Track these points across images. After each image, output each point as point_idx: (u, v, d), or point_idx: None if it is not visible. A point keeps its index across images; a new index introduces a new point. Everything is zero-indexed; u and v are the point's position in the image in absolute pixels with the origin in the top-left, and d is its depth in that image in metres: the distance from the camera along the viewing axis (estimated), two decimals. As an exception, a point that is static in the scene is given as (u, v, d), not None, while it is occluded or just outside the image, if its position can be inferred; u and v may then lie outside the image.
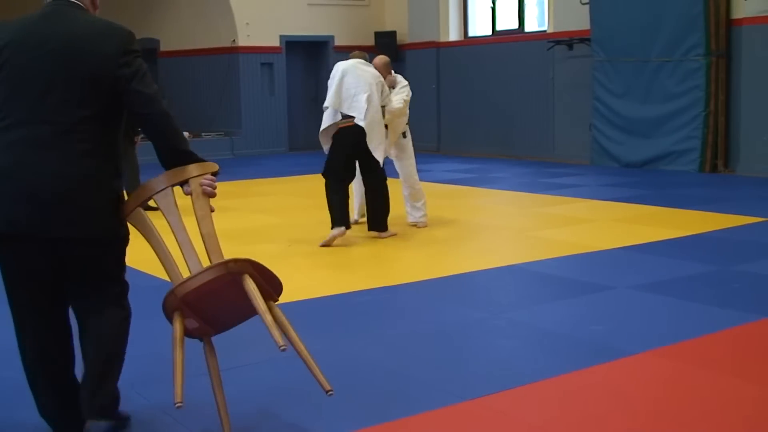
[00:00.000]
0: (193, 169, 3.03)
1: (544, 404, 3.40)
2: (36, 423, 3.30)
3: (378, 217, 7.04)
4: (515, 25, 14.46)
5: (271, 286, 3.12)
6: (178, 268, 2.98)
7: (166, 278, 3.04)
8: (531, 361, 3.94)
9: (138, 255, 3.98)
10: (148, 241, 3.04)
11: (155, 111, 2.94)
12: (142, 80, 2.92)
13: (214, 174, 3.09)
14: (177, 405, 2.79)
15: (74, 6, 2.99)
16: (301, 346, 3.07)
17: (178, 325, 2.94)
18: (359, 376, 3.75)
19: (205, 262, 2.97)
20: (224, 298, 3.00)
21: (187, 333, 3.05)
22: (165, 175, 3.03)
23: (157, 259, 3.07)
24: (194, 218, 3.03)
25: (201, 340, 3.16)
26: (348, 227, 6.93)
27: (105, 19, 3.03)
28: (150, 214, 3.12)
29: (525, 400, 3.44)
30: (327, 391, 3.06)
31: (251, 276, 2.95)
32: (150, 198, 3.08)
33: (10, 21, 3.06)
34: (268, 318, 2.88)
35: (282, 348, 2.86)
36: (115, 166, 3.02)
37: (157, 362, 3.97)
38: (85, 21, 2.97)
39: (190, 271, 2.92)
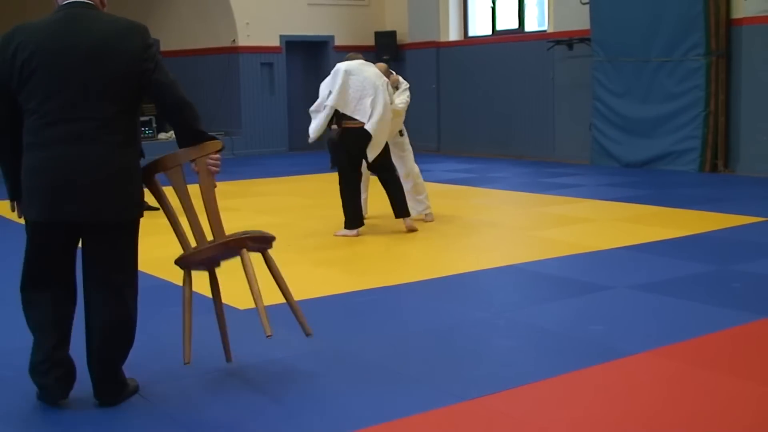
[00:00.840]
0: (202, 149, 3.40)
1: (544, 404, 3.40)
2: (31, 422, 3.31)
3: (404, 203, 7.24)
4: (515, 25, 14.46)
5: (265, 242, 3.71)
6: (186, 235, 3.51)
7: (166, 278, 3.08)
8: (531, 361, 3.94)
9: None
10: (162, 208, 3.49)
11: (176, 97, 3.29)
12: (161, 71, 3.26)
13: (218, 152, 3.46)
14: (186, 362, 3.39)
15: (90, 7, 3.25)
16: (290, 295, 3.74)
17: (187, 290, 3.48)
18: (359, 376, 3.75)
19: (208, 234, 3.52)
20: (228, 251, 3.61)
21: (198, 269, 3.67)
22: (177, 152, 3.42)
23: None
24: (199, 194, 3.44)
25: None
26: (362, 225, 7.18)
27: (122, 17, 3.33)
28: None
29: (525, 400, 3.44)
30: (307, 335, 3.77)
31: (248, 248, 3.53)
32: (159, 171, 3.46)
33: (27, 25, 3.26)
34: (260, 305, 3.38)
35: (268, 336, 3.33)
36: (140, 154, 3.46)
37: (156, 360, 3.97)
38: (106, 21, 3.25)
39: (197, 242, 3.47)
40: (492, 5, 14.81)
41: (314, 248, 6.71)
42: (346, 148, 7.03)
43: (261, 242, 3.67)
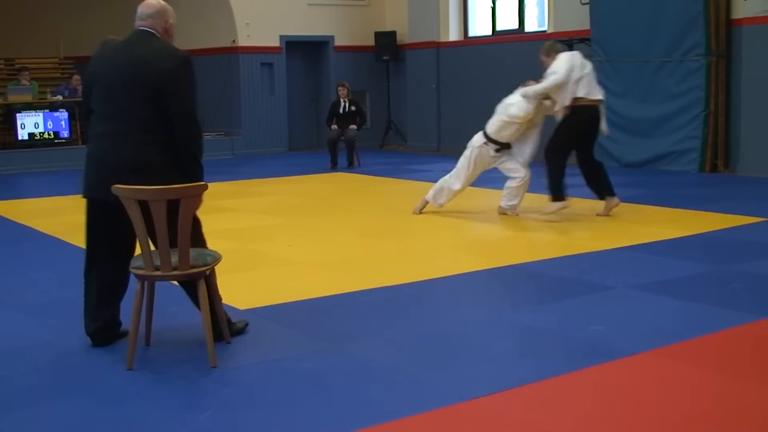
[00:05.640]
0: (186, 190, 3.77)
1: (544, 404, 3.40)
2: (29, 424, 3.31)
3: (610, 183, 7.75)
4: (515, 25, 14.46)
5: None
6: (150, 255, 3.83)
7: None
8: (531, 361, 3.94)
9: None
10: (135, 228, 3.81)
11: (182, 127, 3.90)
12: (180, 99, 3.88)
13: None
14: (128, 368, 3.80)
15: (149, 35, 4.02)
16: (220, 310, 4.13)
17: (139, 302, 3.85)
18: (359, 376, 3.75)
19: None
20: None
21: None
22: (164, 188, 3.74)
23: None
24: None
25: None
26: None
27: (171, 46, 4.05)
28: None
29: (525, 400, 3.44)
30: (228, 342, 4.16)
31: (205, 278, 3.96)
32: (143, 198, 3.75)
33: (109, 44, 4.18)
34: (209, 335, 3.85)
35: (213, 366, 3.82)
36: (172, 154, 3.93)
37: (156, 359, 3.97)
38: (154, 46, 3.98)
39: (162, 264, 3.82)
40: (492, 5, 14.81)
41: (314, 248, 6.72)
42: (581, 126, 7.49)
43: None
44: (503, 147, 7.93)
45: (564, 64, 7.45)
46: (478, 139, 8.02)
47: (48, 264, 6.29)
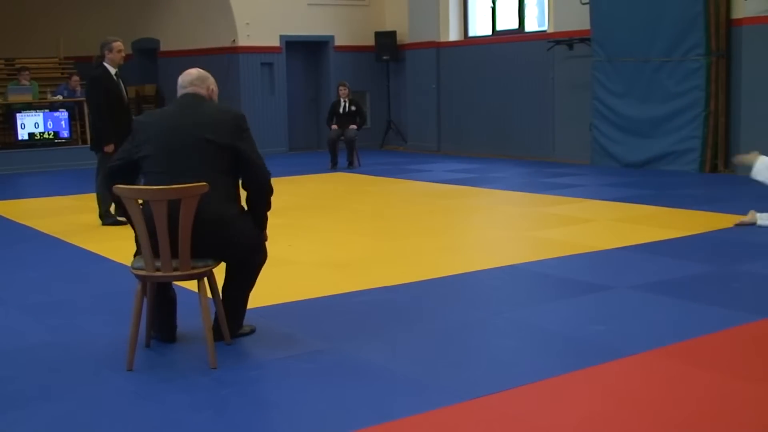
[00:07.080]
0: (186, 190, 3.77)
1: (544, 404, 3.40)
2: (28, 424, 3.30)
3: None
4: (515, 25, 14.46)
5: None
6: (151, 256, 3.83)
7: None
8: (531, 361, 3.94)
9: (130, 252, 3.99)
10: (134, 230, 3.88)
11: (256, 174, 4.16)
12: (251, 150, 4.08)
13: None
14: (128, 369, 3.79)
15: (198, 96, 4.18)
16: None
17: (139, 303, 3.86)
18: (359, 376, 3.75)
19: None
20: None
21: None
22: (164, 188, 3.78)
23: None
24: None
25: None
26: None
27: (222, 105, 4.26)
28: None
29: (525, 400, 3.44)
30: (227, 343, 4.15)
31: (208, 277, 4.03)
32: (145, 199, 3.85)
33: (153, 112, 4.31)
34: (209, 336, 3.86)
35: (213, 368, 3.82)
36: (239, 204, 4.14)
37: (155, 360, 3.97)
38: (209, 106, 4.16)
39: (162, 264, 3.83)
40: (492, 5, 14.82)
41: (314, 248, 6.72)
42: None
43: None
44: None
45: None
46: None
47: (48, 264, 6.30)
